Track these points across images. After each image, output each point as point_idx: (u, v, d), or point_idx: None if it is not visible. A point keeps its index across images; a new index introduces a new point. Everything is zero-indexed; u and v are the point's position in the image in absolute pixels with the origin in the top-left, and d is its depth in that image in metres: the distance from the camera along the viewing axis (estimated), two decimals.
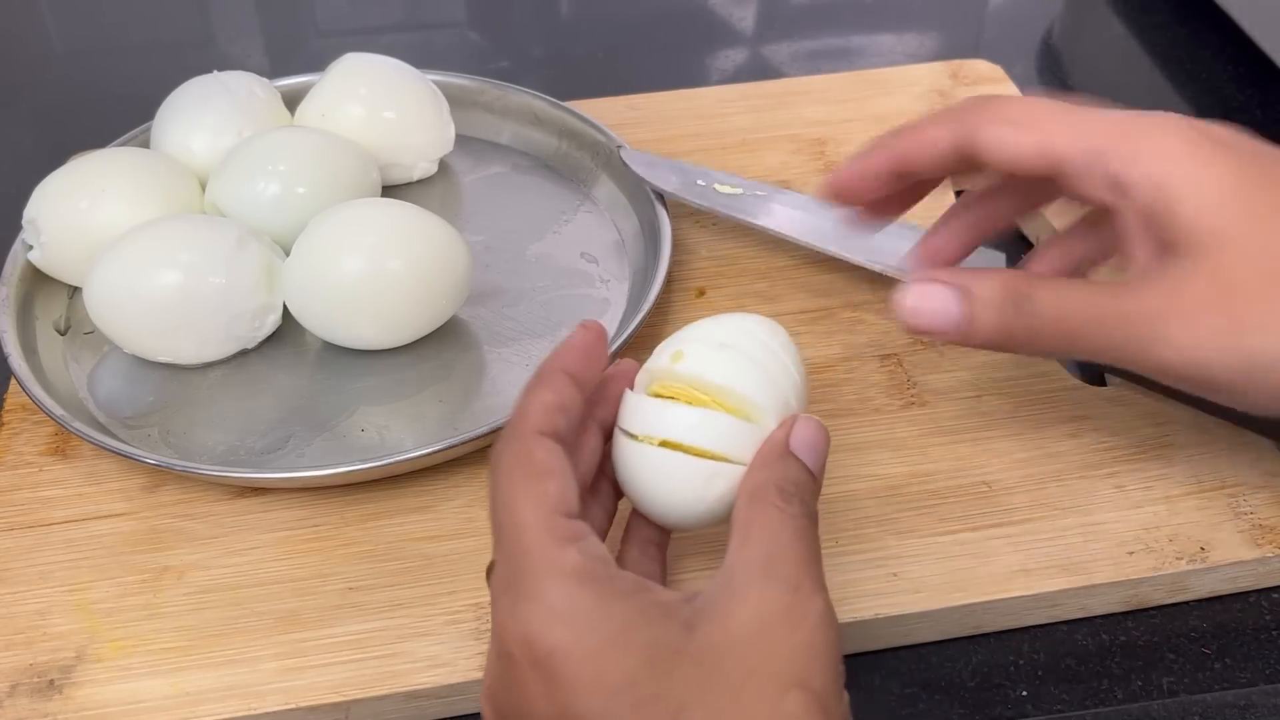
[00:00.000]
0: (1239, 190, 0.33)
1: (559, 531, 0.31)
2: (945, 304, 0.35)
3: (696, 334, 0.38)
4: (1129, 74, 0.70)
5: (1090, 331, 0.34)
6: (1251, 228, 0.33)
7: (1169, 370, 0.34)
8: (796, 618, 0.31)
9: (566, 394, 0.35)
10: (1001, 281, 0.35)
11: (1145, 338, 0.33)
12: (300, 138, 0.52)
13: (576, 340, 0.36)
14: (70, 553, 0.43)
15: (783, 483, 0.34)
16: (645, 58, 0.73)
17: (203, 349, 0.47)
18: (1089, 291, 0.35)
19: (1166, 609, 0.42)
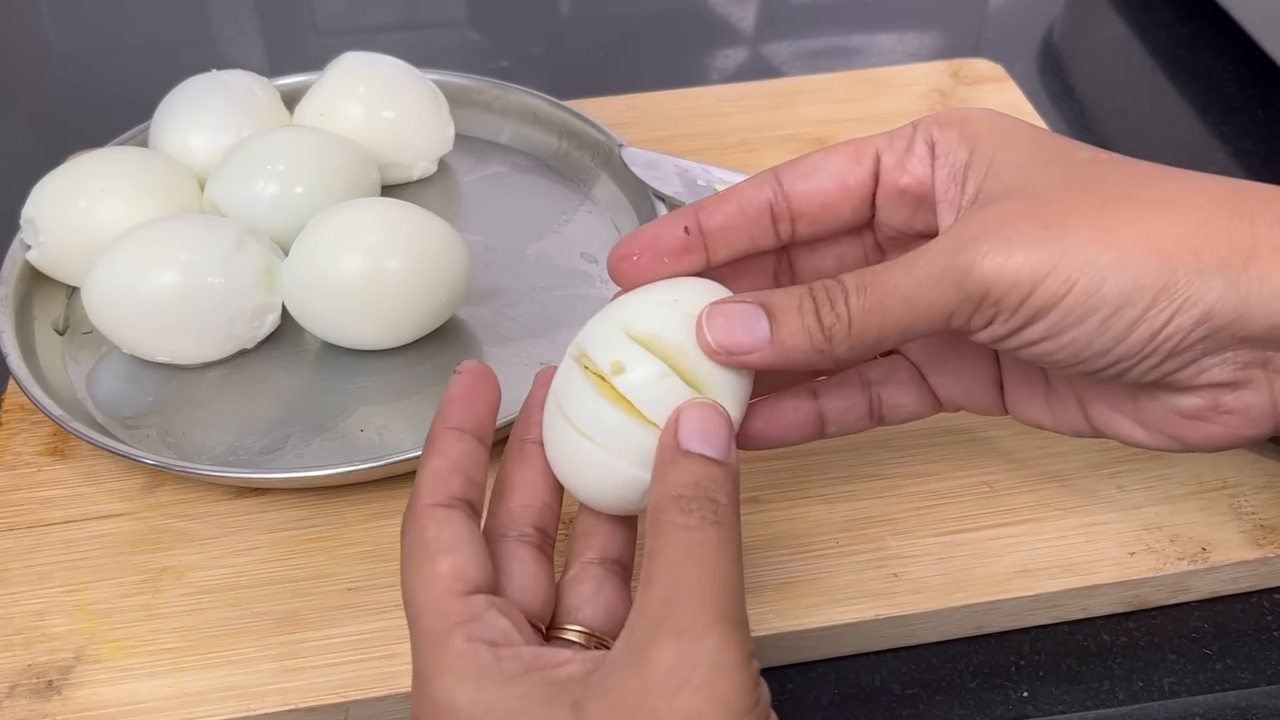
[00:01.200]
0: (1037, 142, 0.34)
1: (449, 617, 0.30)
2: (748, 320, 0.33)
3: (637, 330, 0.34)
4: (1130, 73, 0.70)
5: (912, 299, 0.32)
6: (1050, 166, 0.33)
7: (990, 289, 0.31)
8: (678, 678, 0.28)
9: (456, 452, 0.33)
10: (801, 288, 0.33)
11: (963, 266, 0.31)
12: (299, 137, 0.52)
13: (454, 391, 0.34)
14: (69, 553, 0.43)
15: (679, 490, 0.31)
16: (645, 57, 0.73)
17: (202, 349, 0.47)
18: (896, 262, 0.33)
19: (1168, 609, 0.42)
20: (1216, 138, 0.64)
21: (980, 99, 0.62)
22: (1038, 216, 0.31)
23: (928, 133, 0.35)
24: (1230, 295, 0.30)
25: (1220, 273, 0.30)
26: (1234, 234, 0.31)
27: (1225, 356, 0.32)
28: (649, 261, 0.36)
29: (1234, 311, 0.30)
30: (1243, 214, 0.31)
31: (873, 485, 0.44)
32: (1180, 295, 0.30)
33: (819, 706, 0.39)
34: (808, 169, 0.36)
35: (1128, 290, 0.30)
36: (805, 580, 0.41)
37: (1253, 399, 0.32)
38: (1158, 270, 0.30)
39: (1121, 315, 0.31)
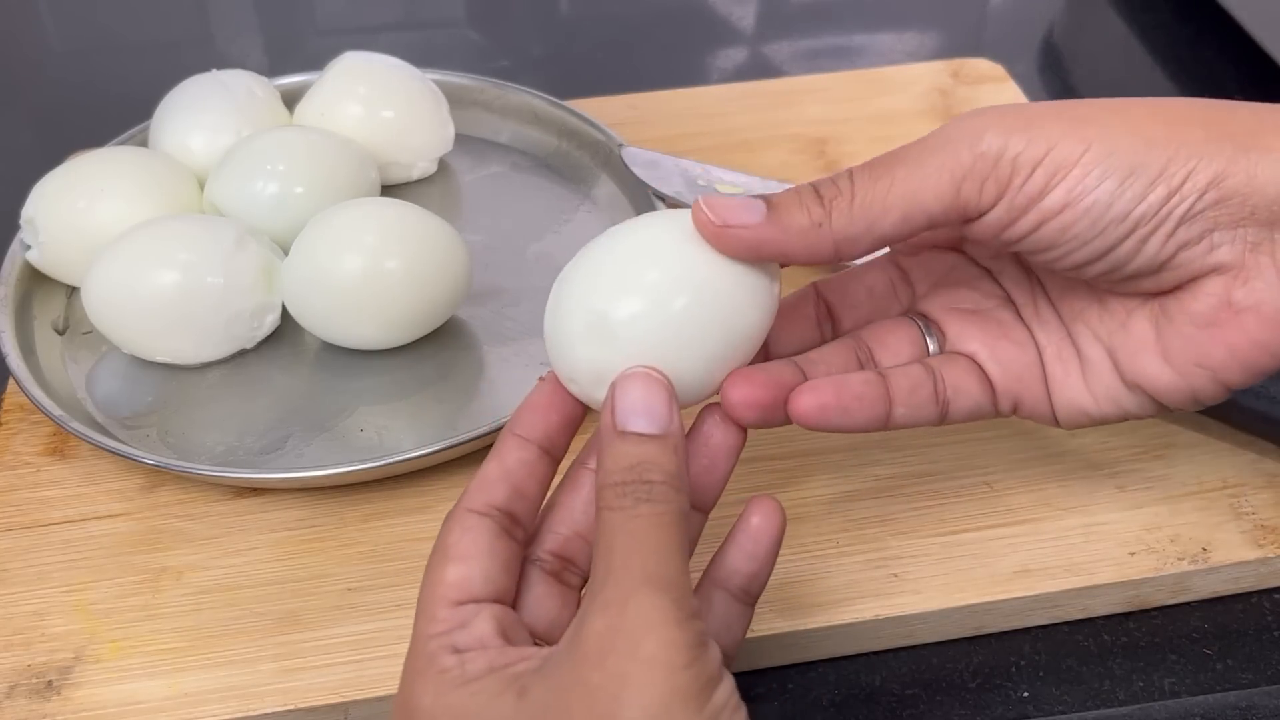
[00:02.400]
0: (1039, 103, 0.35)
1: (433, 624, 0.31)
2: (745, 203, 0.32)
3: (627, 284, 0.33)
4: (1130, 73, 0.70)
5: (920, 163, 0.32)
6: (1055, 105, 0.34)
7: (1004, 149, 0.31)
8: (605, 645, 0.27)
9: (512, 460, 0.33)
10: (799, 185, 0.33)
11: (975, 128, 0.32)
12: (299, 137, 0.52)
13: (532, 397, 0.34)
14: (68, 553, 0.43)
15: (615, 477, 0.30)
16: (645, 57, 0.72)
17: (201, 349, 0.47)
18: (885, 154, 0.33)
19: (1168, 609, 0.42)
20: None
21: (980, 99, 0.62)
22: (1041, 106, 0.33)
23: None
24: (1240, 159, 0.31)
25: (1228, 142, 0.31)
26: (1237, 116, 0.32)
27: (1235, 233, 0.32)
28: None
29: (1244, 174, 0.31)
30: (1240, 106, 0.33)
31: (873, 485, 0.43)
32: (1195, 157, 0.31)
33: (819, 706, 0.39)
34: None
35: (1141, 152, 0.31)
36: (805, 580, 0.41)
37: (1264, 294, 0.32)
38: (1168, 138, 0.31)
39: (1139, 175, 0.31)
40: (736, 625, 0.34)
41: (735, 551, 0.34)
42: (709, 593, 0.34)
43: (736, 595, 0.34)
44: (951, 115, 0.61)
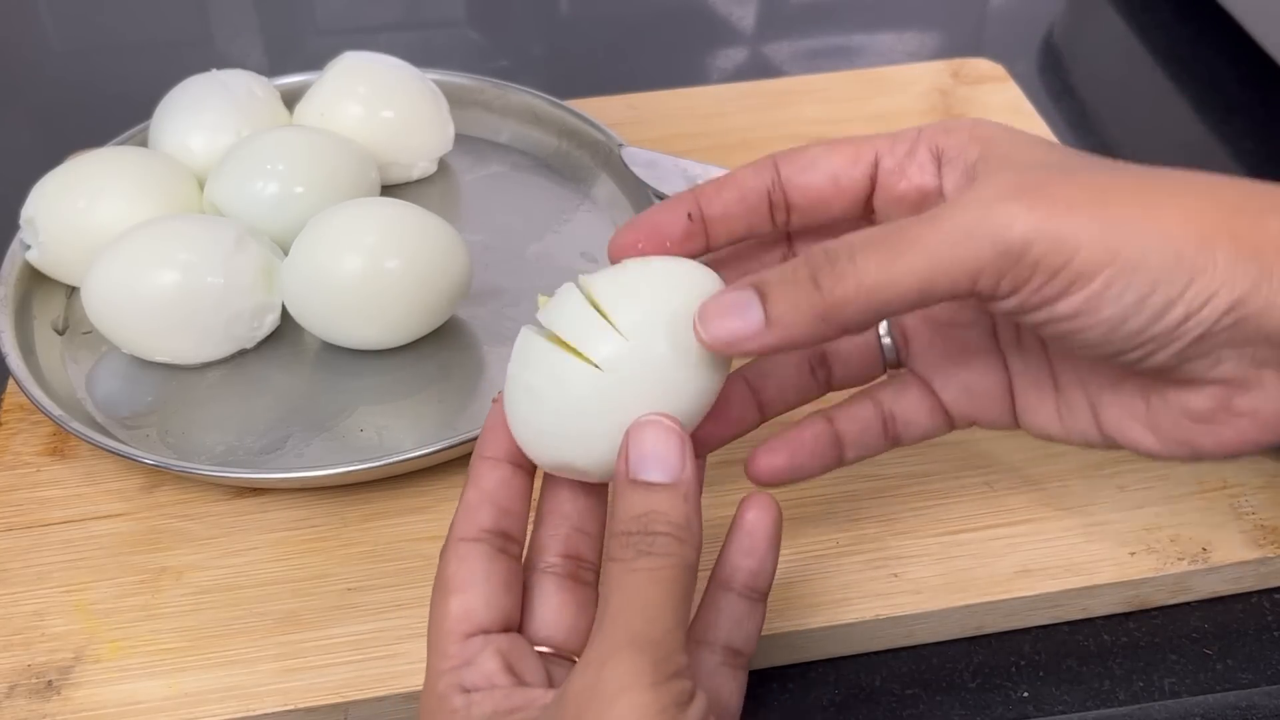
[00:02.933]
0: (1051, 148, 0.34)
1: (444, 660, 0.32)
2: (741, 308, 0.31)
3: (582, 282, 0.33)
4: (1131, 73, 0.70)
5: (938, 253, 0.30)
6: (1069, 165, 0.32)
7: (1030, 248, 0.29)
8: (580, 706, 0.28)
9: (489, 482, 0.34)
10: (791, 261, 0.31)
11: (1002, 219, 0.29)
12: (299, 137, 0.52)
13: (491, 420, 0.34)
14: (68, 553, 0.43)
15: (622, 526, 0.30)
16: (645, 57, 0.72)
17: (201, 349, 0.47)
18: (918, 217, 0.30)
19: (1168, 610, 0.42)
20: (1217, 137, 0.64)
21: (980, 99, 0.62)
22: (1077, 183, 0.30)
23: (933, 141, 0.35)
24: (1262, 285, 0.29)
25: (1255, 261, 0.29)
26: (1267, 224, 0.30)
27: (1244, 351, 0.31)
28: (652, 248, 0.35)
29: (1264, 302, 0.30)
30: (1271, 206, 0.30)
31: (873, 485, 0.43)
32: (1218, 280, 0.29)
33: (819, 706, 0.39)
34: (805, 162, 0.36)
35: (1169, 267, 0.29)
36: (805, 580, 0.41)
37: (1263, 402, 0.32)
38: (1198, 251, 0.29)
39: (1160, 293, 0.30)
40: (748, 622, 0.35)
41: (734, 549, 0.35)
42: (715, 594, 0.35)
43: (742, 592, 0.34)
44: (951, 115, 0.61)
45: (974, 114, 0.60)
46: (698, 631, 0.34)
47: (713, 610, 0.34)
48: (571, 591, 0.34)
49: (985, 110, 0.61)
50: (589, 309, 0.32)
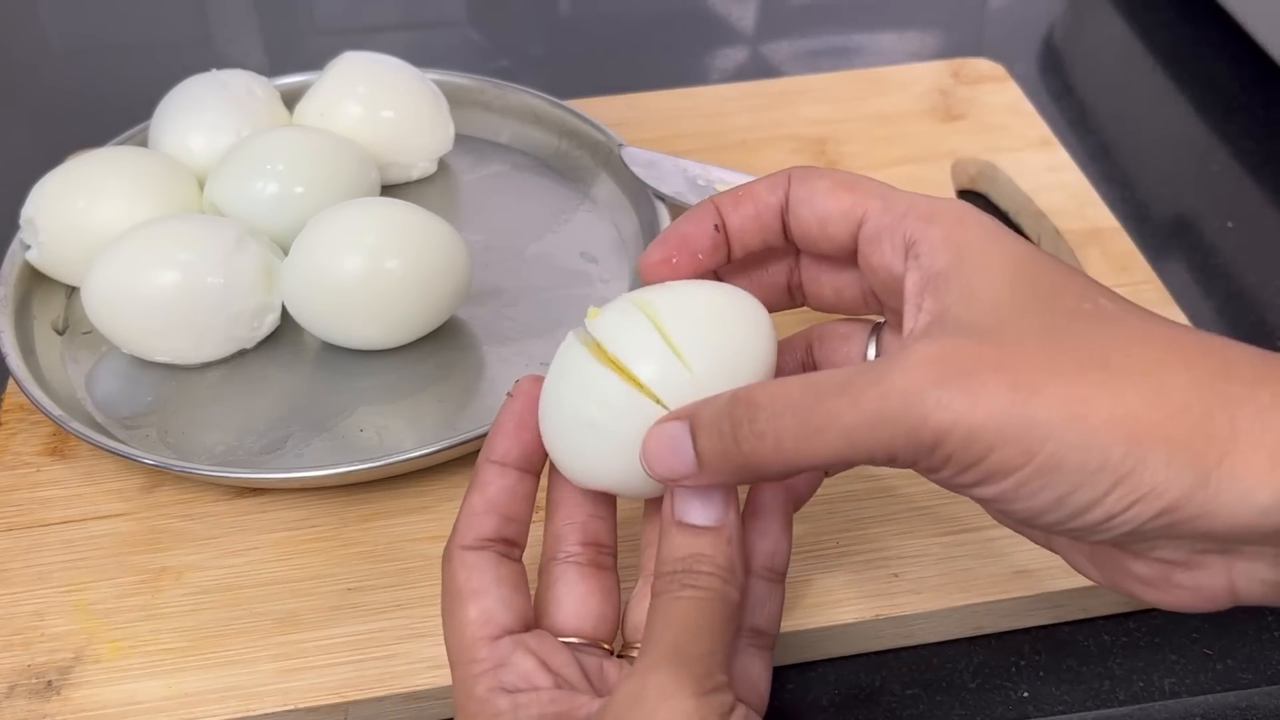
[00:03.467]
0: (1021, 274, 0.31)
1: (475, 665, 0.32)
2: (674, 443, 0.31)
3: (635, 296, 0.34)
4: (1131, 73, 0.70)
5: (855, 433, 0.29)
6: (1030, 310, 0.30)
7: (942, 444, 0.28)
8: (623, 713, 0.29)
9: (494, 489, 0.34)
10: (726, 398, 0.30)
11: (917, 414, 0.28)
12: (299, 137, 0.52)
13: (501, 418, 0.35)
14: (68, 553, 0.43)
15: (668, 565, 0.32)
16: (645, 57, 0.72)
17: (201, 349, 0.47)
18: (842, 385, 0.29)
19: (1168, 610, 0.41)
20: (1217, 137, 0.64)
21: (980, 99, 0.62)
22: (1007, 371, 0.28)
23: (912, 226, 0.32)
24: (1198, 492, 0.27)
25: (1191, 468, 0.27)
26: (1213, 425, 0.28)
27: (1180, 542, 0.29)
28: (685, 260, 0.36)
29: (1198, 509, 0.28)
30: (1225, 401, 0.28)
31: (873, 485, 0.43)
32: (1145, 484, 0.28)
33: (819, 706, 0.39)
34: (806, 194, 0.35)
35: (1091, 471, 0.28)
36: (805, 580, 0.41)
37: (1206, 580, 0.30)
38: (1125, 455, 0.27)
39: (1080, 495, 0.28)
40: (770, 603, 0.36)
41: (749, 532, 0.35)
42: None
43: (761, 574, 0.35)
44: (952, 115, 0.61)
45: (974, 114, 0.61)
46: None
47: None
48: (595, 578, 0.35)
49: (985, 110, 0.61)
50: (657, 338, 0.32)
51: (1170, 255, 0.56)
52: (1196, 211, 0.59)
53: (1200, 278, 0.55)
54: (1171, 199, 0.60)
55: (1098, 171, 0.61)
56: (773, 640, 0.35)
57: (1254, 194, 0.60)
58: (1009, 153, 0.58)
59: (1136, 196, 0.60)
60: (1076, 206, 0.55)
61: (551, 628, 0.35)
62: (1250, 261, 0.56)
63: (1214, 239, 0.57)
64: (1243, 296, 0.54)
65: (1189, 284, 0.55)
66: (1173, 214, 0.59)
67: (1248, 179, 0.61)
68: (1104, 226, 0.54)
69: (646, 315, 0.33)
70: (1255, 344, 0.30)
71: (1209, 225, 0.58)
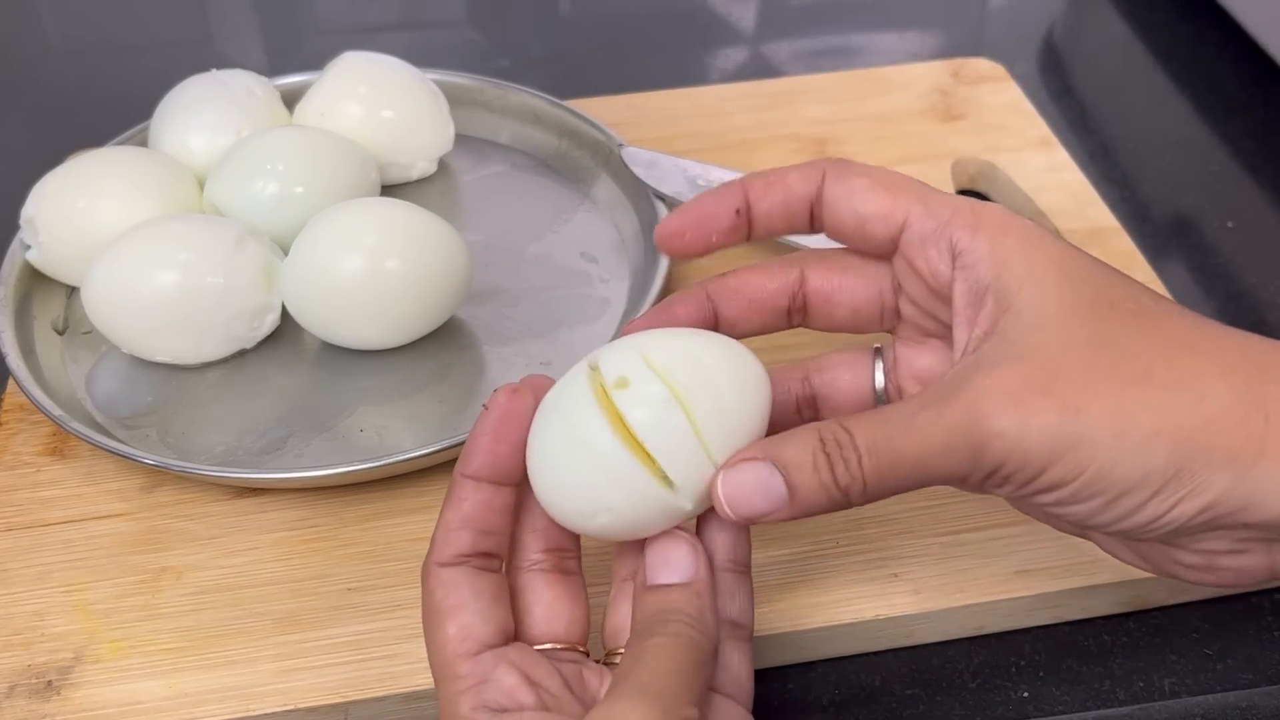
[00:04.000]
0: (1066, 280, 0.33)
1: (458, 682, 0.32)
2: (764, 485, 0.32)
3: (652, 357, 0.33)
4: (1131, 73, 0.70)
5: (926, 464, 0.32)
6: (1074, 319, 0.32)
7: (1002, 467, 0.31)
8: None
9: (469, 504, 0.34)
10: (812, 437, 0.32)
11: (977, 441, 0.31)
12: (299, 137, 0.52)
13: (476, 432, 0.34)
14: (68, 553, 0.43)
15: (640, 624, 0.32)
16: (645, 57, 0.72)
17: (201, 349, 0.47)
18: (909, 424, 0.32)
19: (1169, 610, 0.42)
20: (1217, 137, 0.64)
21: (980, 99, 0.62)
22: (1055, 395, 0.31)
23: (958, 234, 0.34)
24: (1237, 489, 0.30)
25: (1230, 467, 0.30)
26: (1249, 427, 0.30)
27: (1224, 533, 0.32)
28: (699, 240, 0.36)
29: (1238, 503, 0.31)
30: (1259, 402, 0.31)
31: None
32: (1187, 485, 0.31)
33: (819, 706, 0.39)
34: (844, 190, 0.35)
35: (1136, 479, 0.31)
36: (805, 580, 0.41)
37: (1250, 561, 0.33)
38: (1168, 462, 0.30)
39: (1128, 499, 0.31)
40: (739, 594, 0.35)
41: (708, 527, 0.35)
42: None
43: (725, 567, 0.35)
44: (952, 115, 0.61)
45: (974, 114, 0.61)
46: None
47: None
48: (561, 584, 0.35)
49: (985, 110, 0.61)
50: (683, 421, 0.32)
51: (1170, 255, 0.56)
52: (1196, 211, 0.59)
53: (1200, 278, 0.55)
54: (1171, 199, 0.60)
55: (1098, 171, 0.61)
56: (749, 632, 0.35)
57: (1254, 194, 0.60)
58: (1009, 153, 0.58)
59: (1136, 196, 0.60)
60: (1076, 206, 0.55)
61: (525, 637, 0.34)
62: (1250, 261, 0.56)
63: (1214, 239, 0.57)
64: (1243, 296, 0.54)
65: (1189, 284, 0.55)
66: (1173, 214, 0.59)
67: (1248, 179, 0.61)
68: (1104, 226, 0.54)
69: (677, 401, 0.32)
70: None
71: (1209, 225, 0.58)
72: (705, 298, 0.37)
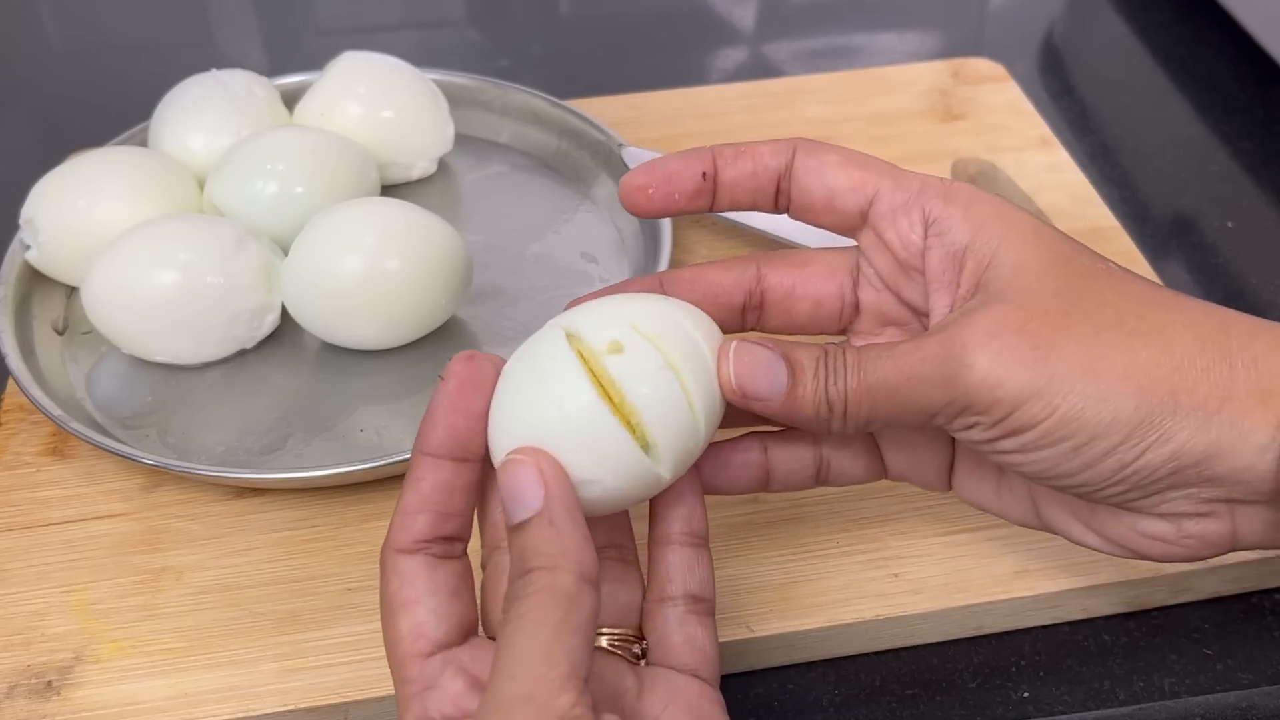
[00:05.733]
0: (1039, 240, 0.33)
1: (408, 685, 0.31)
2: (771, 369, 0.33)
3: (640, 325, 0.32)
4: (1131, 73, 0.70)
5: (900, 394, 0.32)
6: (1050, 273, 0.33)
7: (974, 401, 0.32)
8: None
9: (427, 485, 0.32)
10: (816, 348, 0.34)
11: (949, 374, 0.32)
12: (299, 137, 0.52)
13: (433, 405, 0.32)
14: (68, 553, 0.43)
15: (511, 575, 0.30)
16: (645, 56, 0.72)
17: (201, 349, 0.47)
18: (890, 353, 0.33)
19: (1169, 610, 0.42)
20: (1217, 137, 0.64)
21: (980, 99, 0.62)
22: (1029, 333, 0.32)
23: (930, 204, 0.35)
24: (1201, 436, 0.31)
25: (1195, 414, 0.31)
26: (1213, 375, 0.31)
27: (1189, 491, 0.32)
28: (662, 198, 0.36)
29: (1202, 452, 0.31)
30: (1224, 353, 0.31)
31: (873, 485, 0.43)
32: (1154, 432, 0.31)
33: (819, 706, 0.39)
34: (815, 165, 0.36)
35: (1105, 423, 0.31)
36: (805, 580, 0.41)
37: (1213, 526, 0.33)
38: (1136, 407, 0.31)
39: (1095, 445, 0.31)
40: (699, 567, 0.35)
41: (661, 501, 0.35)
42: (660, 552, 0.35)
43: (682, 540, 0.35)
44: (952, 115, 0.61)
45: (974, 114, 0.61)
46: (656, 590, 0.35)
47: (662, 566, 0.35)
48: None
49: (985, 110, 0.61)
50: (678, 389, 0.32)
51: (1170, 255, 0.56)
52: (1196, 211, 0.59)
53: (1200, 278, 0.55)
54: (1171, 199, 0.60)
55: (1098, 171, 0.61)
56: (711, 605, 0.35)
57: (1254, 194, 0.60)
58: (1009, 153, 0.58)
59: (1136, 196, 0.60)
60: (1076, 206, 0.55)
61: (498, 623, 0.32)
62: (1250, 261, 0.56)
63: (1214, 239, 0.57)
64: (1243, 296, 0.54)
65: (1189, 284, 0.55)
66: (1173, 214, 0.59)
67: (1248, 179, 0.61)
68: (1104, 226, 0.54)
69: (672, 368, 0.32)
70: None
71: (1209, 225, 0.58)
72: (658, 286, 0.37)
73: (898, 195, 0.35)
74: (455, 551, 0.33)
